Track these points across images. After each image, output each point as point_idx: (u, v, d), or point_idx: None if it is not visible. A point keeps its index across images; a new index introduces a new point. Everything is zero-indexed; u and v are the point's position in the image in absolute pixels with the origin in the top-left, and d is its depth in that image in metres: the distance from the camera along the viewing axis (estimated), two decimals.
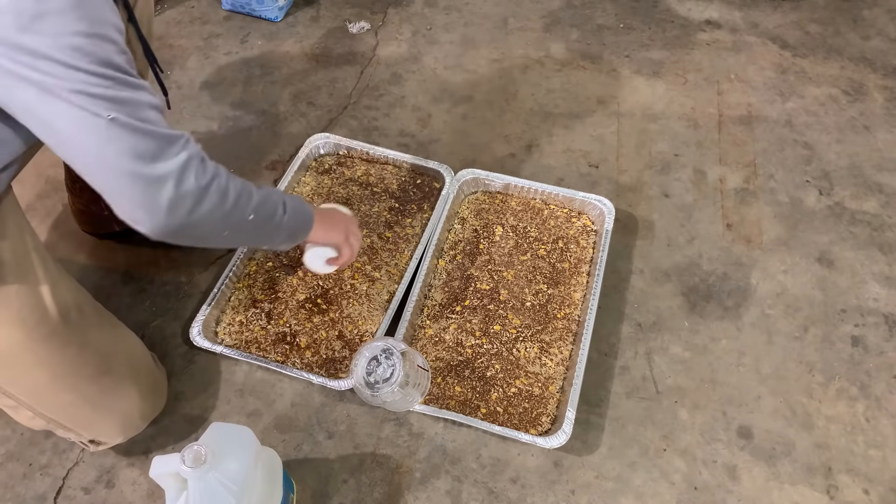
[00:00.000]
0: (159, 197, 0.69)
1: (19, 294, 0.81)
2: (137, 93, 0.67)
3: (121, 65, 0.66)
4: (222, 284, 1.17)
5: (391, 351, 0.96)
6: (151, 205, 0.69)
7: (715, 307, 1.23)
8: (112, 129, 0.65)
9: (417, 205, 1.33)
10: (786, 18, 1.78)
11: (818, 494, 1.03)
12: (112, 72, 0.65)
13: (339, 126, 1.52)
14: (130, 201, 0.69)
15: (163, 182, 0.69)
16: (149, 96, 0.69)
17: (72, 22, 0.61)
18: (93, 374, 0.90)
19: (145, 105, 0.68)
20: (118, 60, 0.66)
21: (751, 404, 1.12)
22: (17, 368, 0.85)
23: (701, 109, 1.56)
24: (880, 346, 1.19)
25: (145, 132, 0.67)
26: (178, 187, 0.70)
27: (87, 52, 0.62)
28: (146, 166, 0.67)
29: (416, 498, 1.02)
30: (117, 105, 0.65)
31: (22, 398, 0.88)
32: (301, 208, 0.93)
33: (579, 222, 1.30)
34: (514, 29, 1.75)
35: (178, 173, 0.70)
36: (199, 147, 0.74)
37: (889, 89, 1.60)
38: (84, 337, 0.89)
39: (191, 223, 0.73)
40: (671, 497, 1.03)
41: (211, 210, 0.74)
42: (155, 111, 0.69)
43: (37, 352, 0.84)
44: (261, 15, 1.76)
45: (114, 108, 0.65)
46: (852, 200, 1.39)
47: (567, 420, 1.01)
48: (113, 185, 0.69)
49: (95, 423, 0.94)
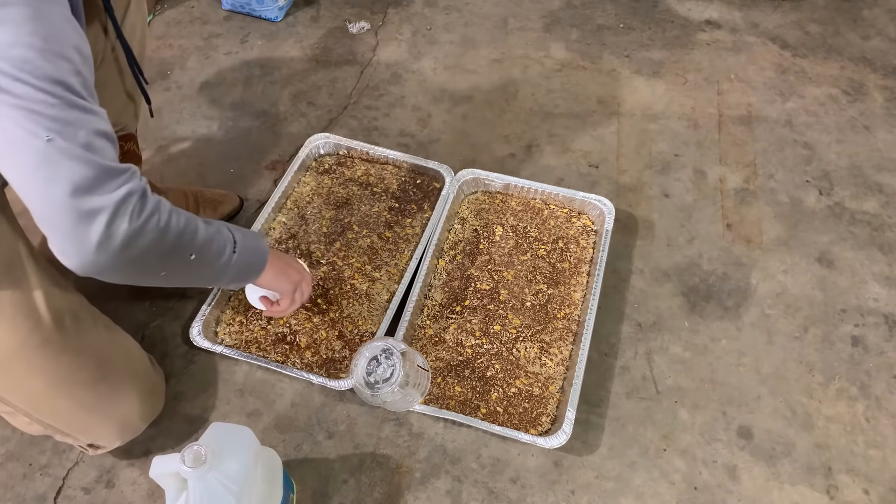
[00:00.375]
0: (89, 232, 0.64)
1: (12, 302, 0.80)
2: (86, 116, 0.63)
3: (72, 85, 0.62)
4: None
5: (391, 351, 0.96)
6: (80, 239, 0.64)
7: (715, 307, 1.23)
8: (48, 151, 0.60)
9: (417, 205, 1.33)
10: (786, 18, 1.78)
11: (818, 494, 1.03)
12: (61, 90, 0.61)
13: (339, 126, 1.52)
14: (59, 232, 0.64)
15: (94, 216, 0.63)
16: (99, 122, 0.65)
17: (25, 34, 0.59)
18: (89, 381, 0.89)
19: (92, 131, 0.64)
20: (70, 80, 0.62)
21: (751, 404, 1.12)
22: (13, 376, 0.84)
23: (701, 109, 1.56)
24: (880, 346, 1.19)
25: (85, 160, 0.62)
26: (110, 224, 0.64)
27: (36, 66, 0.59)
28: (79, 198, 0.62)
29: (416, 498, 1.02)
30: (59, 126, 0.61)
31: (18, 405, 0.87)
32: (255, 248, 0.89)
33: (579, 222, 1.30)
34: (514, 29, 1.75)
35: (112, 209, 0.64)
36: (145, 182, 0.69)
37: (889, 89, 1.60)
38: (79, 343, 0.88)
39: (122, 261, 0.67)
40: (671, 497, 1.03)
41: (146, 250, 0.69)
42: (103, 139, 0.65)
43: (31, 360, 0.83)
44: (261, 15, 1.76)
45: (54, 130, 0.60)
46: (852, 200, 1.39)
47: (567, 420, 1.01)
48: (42, 213, 0.64)
49: (93, 428, 0.94)
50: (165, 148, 1.48)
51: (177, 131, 1.51)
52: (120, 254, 0.66)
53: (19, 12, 0.59)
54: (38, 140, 0.60)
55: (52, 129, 0.60)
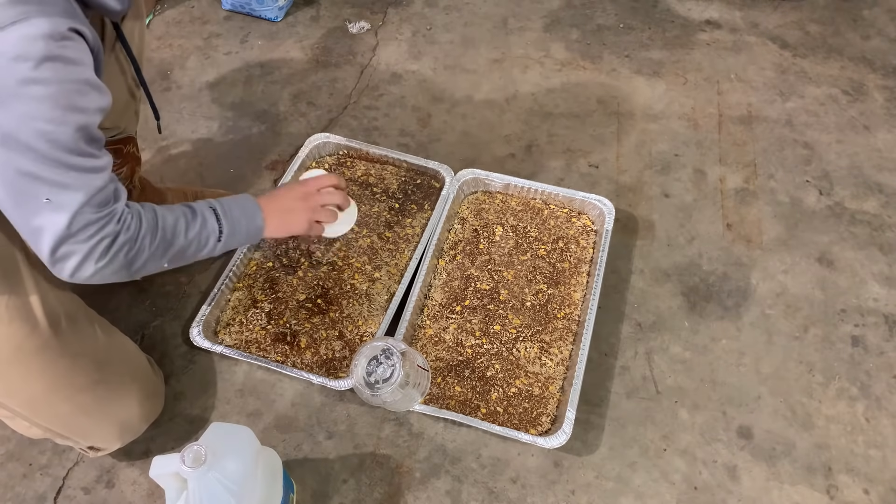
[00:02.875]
0: (62, 268, 0.74)
1: (8, 307, 0.80)
2: (85, 177, 0.70)
3: (83, 149, 0.69)
4: (222, 284, 1.17)
5: (391, 351, 0.96)
6: (54, 269, 0.75)
7: (715, 307, 1.23)
8: (41, 208, 0.69)
9: (417, 205, 1.33)
10: (786, 18, 1.78)
11: (818, 494, 1.03)
12: (68, 157, 0.68)
13: (339, 126, 1.52)
14: (39, 254, 0.74)
15: (66, 259, 0.73)
16: (96, 180, 0.72)
17: (46, 109, 0.64)
18: (88, 384, 0.89)
19: (86, 190, 0.71)
20: (81, 145, 0.69)
21: (751, 404, 1.12)
22: (10, 381, 0.84)
23: (701, 109, 1.56)
24: (880, 346, 1.19)
25: (70, 215, 0.70)
26: (78, 267, 0.74)
27: (51, 139, 0.66)
28: (56, 246, 0.71)
29: (416, 498, 1.02)
30: (57, 190, 0.69)
31: (17, 409, 0.87)
32: (246, 222, 0.93)
33: (579, 222, 1.30)
34: (514, 29, 1.75)
35: (81, 256, 0.73)
36: (126, 218, 0.77)
37: (889, 89, 1.60)
38: (77, 347, 0.88)
39: (97, 280, 0.77)
40: (671, 497, 1.03)
41: (116, 273, 0.78)
42: (99, 194, 0.72)
43: (29, 364, 0.83)
44: (261, 15, 1.76)
45: (53, 193, 0.68)
46: (852, 200, 1.39)
47: (567, 420, 1.01)
48: (27, 238, 0.74)
49: (93, 431, 0.93)
50: (165, 148, 1.48)
51: (177, 131, 1.51)
52: (92, 278, 0.76)
53: (45, 91, 0.64)
54: (38, 200, 0.68)
55: (51, 192, 0.68)
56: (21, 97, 0.63)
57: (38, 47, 0.62)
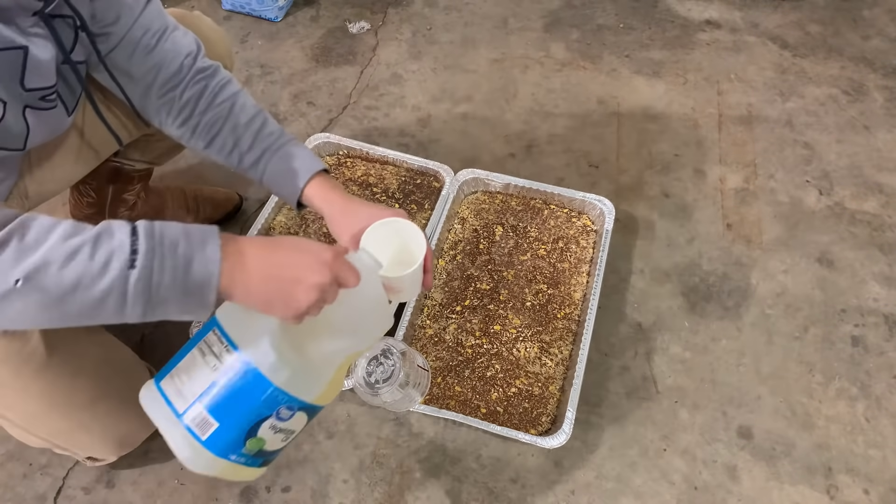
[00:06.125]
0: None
1: (5, 332, 0.76)
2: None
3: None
4: None
5: (391, 351, 0.96)
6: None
7: (715, 307, 1.23)
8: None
9: (417, 205, 1.33)
10: (786, 18, 1.78)
11: (818, 494, 1.03)
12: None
13: (339, 126, 1.52)
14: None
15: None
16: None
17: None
18: (86, 402, 0.87)
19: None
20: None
21: (751, 404, 1.12)
22: (10, 398, 0.82)
23: (701, 109, 1.56)
24: (880, 346, 1.19)
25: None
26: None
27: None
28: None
29: (416, 498, 1.02)
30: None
31: (17, 421, 0.86)
32: (178, 256, 0.57)
33: (579, 222, 1.30)
34: (514, 29, 1.75)
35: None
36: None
37: (889, 89, 1.60)
38: (77, 366, 0.85)
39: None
40: (671, 497, 1.03)
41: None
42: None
43: (27, 386, 0.81)
44: (261, 15, 1.76)
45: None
46: (852, 200, 1.39)
47: (567, 420, 1.01)
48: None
49: (92, 444, 0.92)
50: None
51: None
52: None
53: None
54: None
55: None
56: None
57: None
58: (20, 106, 0.69)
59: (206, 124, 0.85)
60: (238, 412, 0.63)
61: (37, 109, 0.72)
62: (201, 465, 0.64)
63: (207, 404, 0.63)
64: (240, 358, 0.63)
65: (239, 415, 0.63)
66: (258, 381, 0.63)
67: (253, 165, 0.86)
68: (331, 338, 0.70)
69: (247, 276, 0.60)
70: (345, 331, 0.71)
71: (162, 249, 0.57)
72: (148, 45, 0.82)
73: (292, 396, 0.65)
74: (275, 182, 0.86)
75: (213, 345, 0.65)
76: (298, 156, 0.86)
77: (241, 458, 0.65)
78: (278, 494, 1.02)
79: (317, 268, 0.63)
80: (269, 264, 0.62)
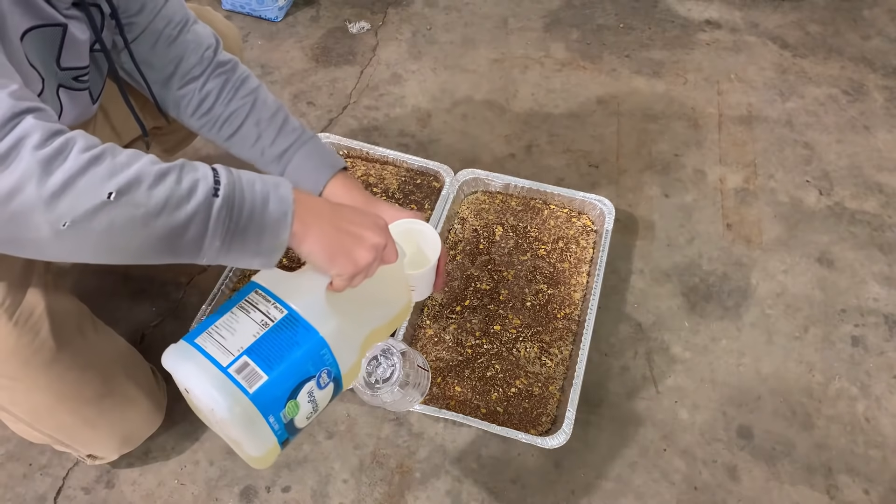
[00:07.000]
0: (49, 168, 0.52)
1: (17, 323, 0.77)
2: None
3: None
4: (222, 284, 1.17)
5: (391, 351, 0.96)
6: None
7: (715, 307, 1.23)
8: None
9: (417, 205, 1.33)
10: (786, 18, 1.78)
11: (818, 494, 1.03)
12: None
13: (339, 126, 1.52)
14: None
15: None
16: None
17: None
18: (93, 397, 0.87)
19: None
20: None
21: (751, 404, 1.12)
22: (17, 392, 0.83)
23: (701, 109, 1.56)
24: (880, 346, 1.19)
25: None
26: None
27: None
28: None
29: (416, 498, 1.02)
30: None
31: (21, 416, 0.86)
32: (256, 193, 0.59)
33: (579, 222, 1.30)
34: (514, 29, 1.75)
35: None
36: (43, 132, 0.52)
37: (889, 89, 1.60)
38: (85, 360, 0.86)
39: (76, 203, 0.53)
40: (671, 497, 1.03)
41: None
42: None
43: (37, 379, 0.81)
44: (261, 15, 1.76)
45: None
46: (852, 200, 1.39)
47: (567, 420, 1.01)
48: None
49: (94, 441, 0.93)
50: None
51: None
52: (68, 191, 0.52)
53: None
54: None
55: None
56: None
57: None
58: (55, 84, 0.71)
59: (228, 116, 0.89)
60: (287, 364, 0.64)
61: (70, 90, 0.74)
62: (239, 424, 0.61)
63: (256, 357, 0.63)
64: (289, 311, 0.65)
65: (288, 367, 0.64)
66: (308, 333, 0.65)
67: (275, 160, 0.89)
68: (361, 308, 0.73)
69: (318, 223, 0.63)
70: (376, 302, 0.75)
71: (241, 185, 0.58)
72: (170, 36, 0.84)
73: (334, 359, 0.67)
74: (296, 177, 0.89)
75: (257, 303, 0.66)
76: (321, 153, 0.90)
77: (277, 423, 0.65)
78: (278, 494, 1.02)
79: (377, 230, 0.66)
80: (337, 216, 0.64)
